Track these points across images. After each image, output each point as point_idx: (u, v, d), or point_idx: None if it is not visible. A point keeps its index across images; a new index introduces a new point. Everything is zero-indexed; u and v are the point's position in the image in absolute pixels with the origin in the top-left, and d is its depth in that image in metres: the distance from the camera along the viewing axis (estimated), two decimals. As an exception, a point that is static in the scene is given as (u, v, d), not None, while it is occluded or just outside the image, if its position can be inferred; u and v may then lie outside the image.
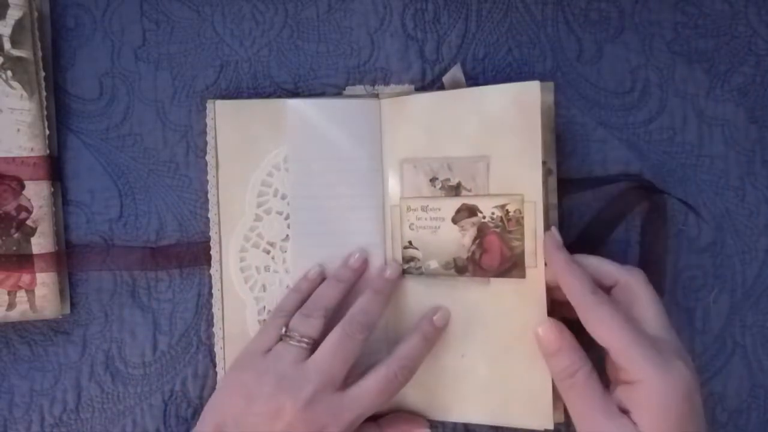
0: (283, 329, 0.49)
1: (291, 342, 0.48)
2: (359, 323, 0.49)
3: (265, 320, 0.53)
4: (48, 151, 0.53)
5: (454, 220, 0.52)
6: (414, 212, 0.53)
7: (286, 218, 0.54)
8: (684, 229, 0.55)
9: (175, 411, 0.55)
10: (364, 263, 0.53)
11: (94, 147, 0.55)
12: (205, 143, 0.54)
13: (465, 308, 0.52)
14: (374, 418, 0.51)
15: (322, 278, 0.53)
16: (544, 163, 0.52)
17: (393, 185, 0.53)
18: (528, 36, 0.56)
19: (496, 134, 0.51)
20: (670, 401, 0.43)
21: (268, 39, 0.56)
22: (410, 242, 0.53)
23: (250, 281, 0.54)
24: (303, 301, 0.52)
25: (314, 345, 0.49)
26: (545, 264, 0.50)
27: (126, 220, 0.55)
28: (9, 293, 0.52)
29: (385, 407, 0.53)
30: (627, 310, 0.47)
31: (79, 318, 0.55)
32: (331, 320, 0.50)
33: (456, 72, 0.54)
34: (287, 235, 0.54)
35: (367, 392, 0.48)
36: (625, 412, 0.44)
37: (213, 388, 0.55)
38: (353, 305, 0.50)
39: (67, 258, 0.54)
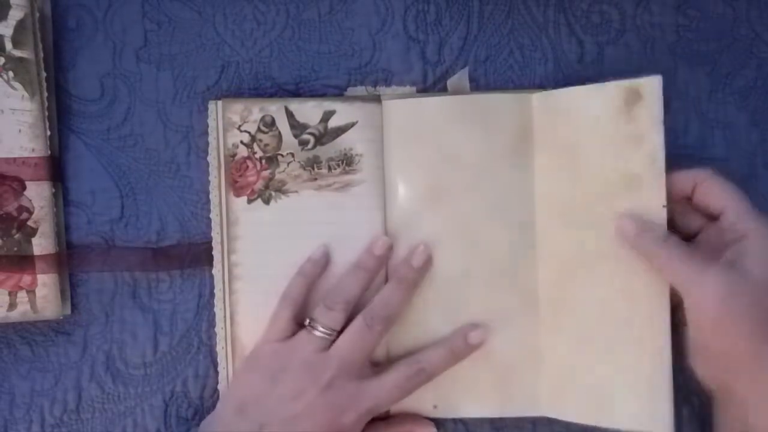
0: (307, 321, 0.51)
1: (315, 333, 0.50)
2: (379, 316, 0.50)
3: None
4: (49, 152, 0.53)
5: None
6: None
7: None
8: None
9: (175, 411, 0.55)
10: (389, 250, 0.52)
11: (95, 148, 0.55)
12: (207, 144, 0.54)
13: None
14: (383, 416, 0.52)
15: (326, 259, 0.53)
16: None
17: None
18: (530, 38, 0.56)
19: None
20: (701, 314, 0.46)
21: (270, 40, 0.56)
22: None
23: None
24: (308, 286, 0.52)
25: (337, 335, 0.50)
26: None
27: (127, 221, 0.55)
28: (10, 294, 0.52)
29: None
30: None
31: (79, 318, 0.55)
32: (355, 308, 0.51)
33: (462, 76, 0.54)
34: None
35: (385, 386, 0.50)
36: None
37: (214, 389, 0.55)
38: (377, 295, 0.51)
39: (68, 259, 0.54)
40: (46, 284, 0.53)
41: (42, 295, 0.53)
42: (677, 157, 0.55)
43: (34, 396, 0.55)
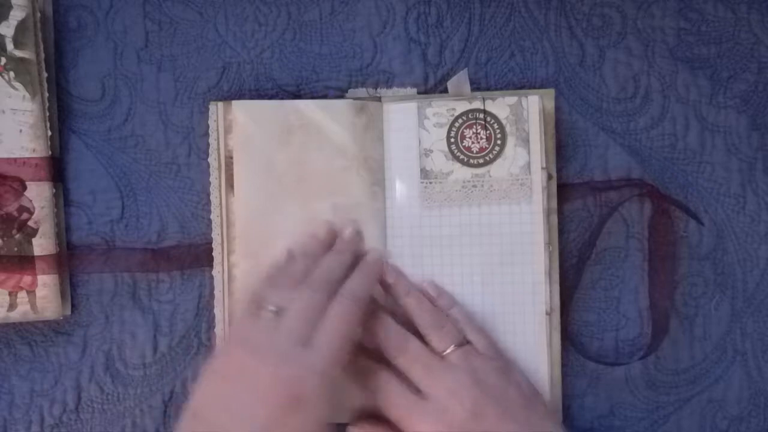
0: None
1: (265, 314, 0.46)
2: (321, 279, 0.48)
3: None
4: (50, 152, 0.53)
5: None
6: None
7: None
8: (685, 236, 0.56)
9: (175, 412, 0.55)
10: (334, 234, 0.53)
11: (95, 148, 0.55)
12: (207, 145, 0.54)
13: None
14: None
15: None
16: (544, 168, 0.52)
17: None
18: (531, 41, 0.56)
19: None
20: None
21: (271, 41, 0.55)
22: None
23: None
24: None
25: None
26: None
27: (127, 222, 0.55)
28: (10, 294, 0.52)
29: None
30: None
31: (79, 319, 0.55)
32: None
33: (462, 77, 0.54)
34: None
35: (323, 335, 0.45)
36: None
37: (213, 390, 0.55)
38: (318, 264, 0.49)
39: (69, 259, 0.54)
40: (46, 285, 0.53)
41: (42, 296, 0.53)
42: (678, 161, 0.56)
43: (33, 396, 0.55)
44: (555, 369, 0.54)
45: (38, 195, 0.53)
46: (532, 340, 0.53)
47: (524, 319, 0.53)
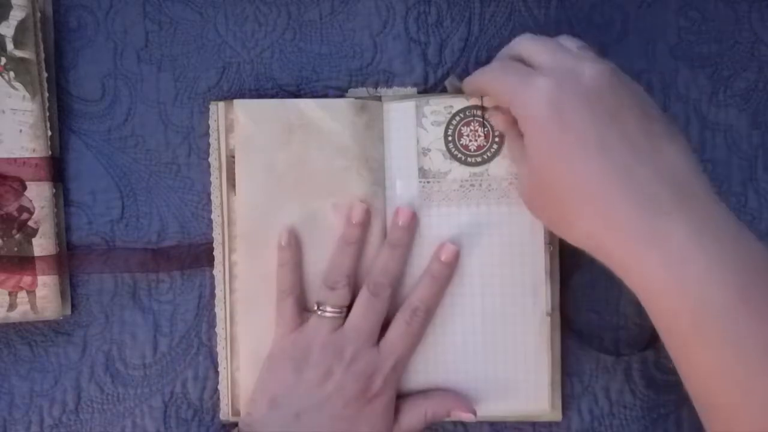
0: (315, 305, 0.52)
1: (325, 314, 0.51)
2: (382, 283, 0.51)
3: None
4: (50, 152, 0.53)
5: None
6: None
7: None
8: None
9: (175, 413, 0.55)
10: (368, 214, 0.53)
11: (95, 148, 0.55)
12: (207, 145, 0.54)
13: None
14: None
15: (295, 240, 0.53)
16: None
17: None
18: (531, 40, 0.56)
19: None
20: (527, 119, 0.45)
21: (271, 41, 0.56)
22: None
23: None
24: (295, 272, 0.52)
25: (347, 311, 0.52)
26: None
27: (127, 222, 0.55)
28: (10, 294, 0.52)
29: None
30: None
31: (79, 319, 0.55)
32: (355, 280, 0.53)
33: (452, 80, 0.54)
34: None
35: (394, 339, 0.51)
36: None
37: (213, 390, 0.55)
38: (374, 265, 0.52)
39: (69, 259, 0.54)
40: (46, 285, 0.53)
41: (42, 296, 0.53)
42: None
43: (33, 396, 0.55)
44: (555, 369, 0.54)
45: (38, 195, 0.53)
46: (532, 340, 0.53)
47: (525, 319, 0.53)
